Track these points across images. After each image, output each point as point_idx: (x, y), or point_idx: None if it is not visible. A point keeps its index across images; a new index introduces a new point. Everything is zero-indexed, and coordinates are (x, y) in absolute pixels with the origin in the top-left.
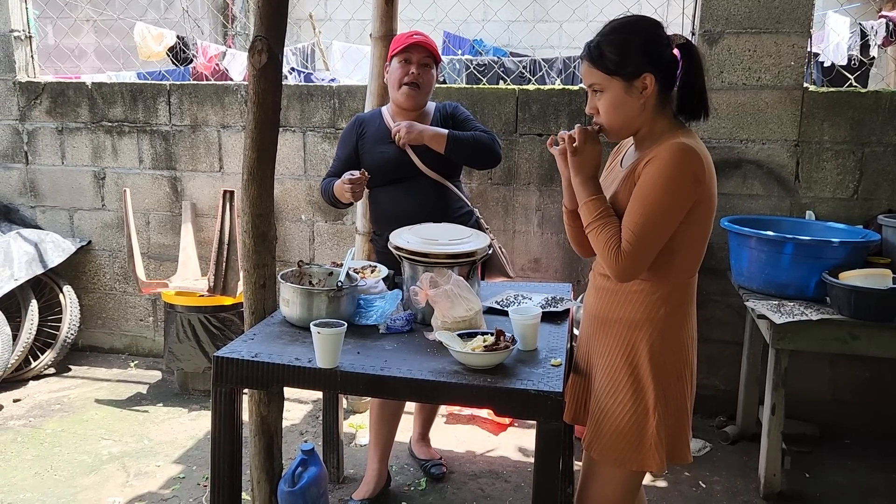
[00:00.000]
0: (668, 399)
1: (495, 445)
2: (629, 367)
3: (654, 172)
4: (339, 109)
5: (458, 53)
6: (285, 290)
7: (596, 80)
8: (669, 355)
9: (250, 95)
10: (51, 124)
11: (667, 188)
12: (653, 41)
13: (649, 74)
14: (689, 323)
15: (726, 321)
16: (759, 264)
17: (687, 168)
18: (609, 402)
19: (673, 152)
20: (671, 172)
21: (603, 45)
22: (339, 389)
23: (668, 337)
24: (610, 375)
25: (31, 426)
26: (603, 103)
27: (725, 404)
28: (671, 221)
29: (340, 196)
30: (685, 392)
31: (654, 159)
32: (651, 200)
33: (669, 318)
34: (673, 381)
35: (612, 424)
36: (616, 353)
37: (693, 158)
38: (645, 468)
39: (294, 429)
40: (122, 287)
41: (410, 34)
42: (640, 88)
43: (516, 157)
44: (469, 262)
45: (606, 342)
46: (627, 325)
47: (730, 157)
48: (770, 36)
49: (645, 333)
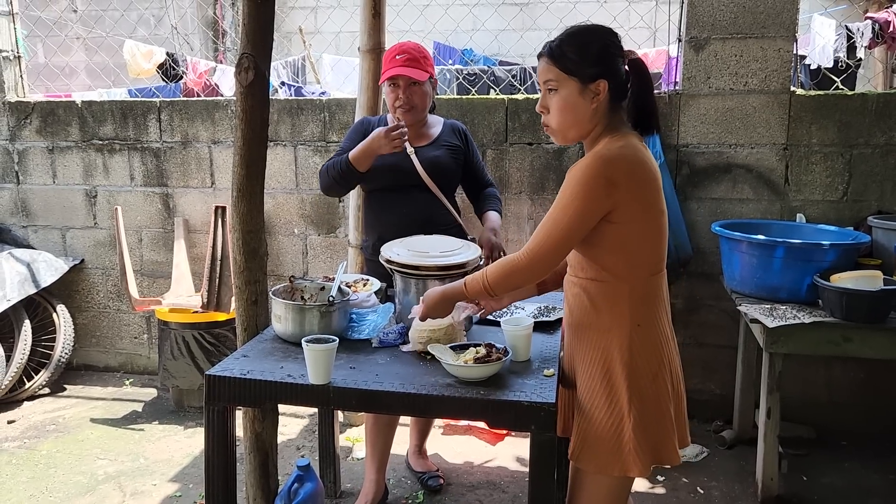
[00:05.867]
0: (645, 400)
1: (493, 456)
2: (602, 372)
3: (571, 179)
4: (329, 123)
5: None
6: (276, 306)
7: (552, 77)
8: (641, 356)
9: (238, 112)
10: (41, 143)
11: (576, 194)
12: (610, 49)
13: (604, 81)
14: (660, 322)
15: (720, 326)
16: (751, 268)
17: (599, 174)
18: (587, 408)
19: (589, 160)
20: (583, 178)
21: (565, 45)
22: (332, 405)
23: (639, 337)
24: (586, 382)
25: (25, 447)
26: (556, 102)
27: (722, 409)
28: (579, 225)
29: (361, 158)
30: (664, 393)
31: (575, 166)
32: (562, 205)
33: (636, 317)
34: (648, 381)
35: (591, 431)
36: (590, 359)
37: (607, 164)
38: (626, 473)
39: (291, 444)
40: (115, 305)
41: (395, 53)
42: (594, 93)
43: (507, 167)
44: (460, 274)
45: (581, 348)
46: (598, 329)
47: (719, 161)
48: (756, 41)
49: (614, 336)
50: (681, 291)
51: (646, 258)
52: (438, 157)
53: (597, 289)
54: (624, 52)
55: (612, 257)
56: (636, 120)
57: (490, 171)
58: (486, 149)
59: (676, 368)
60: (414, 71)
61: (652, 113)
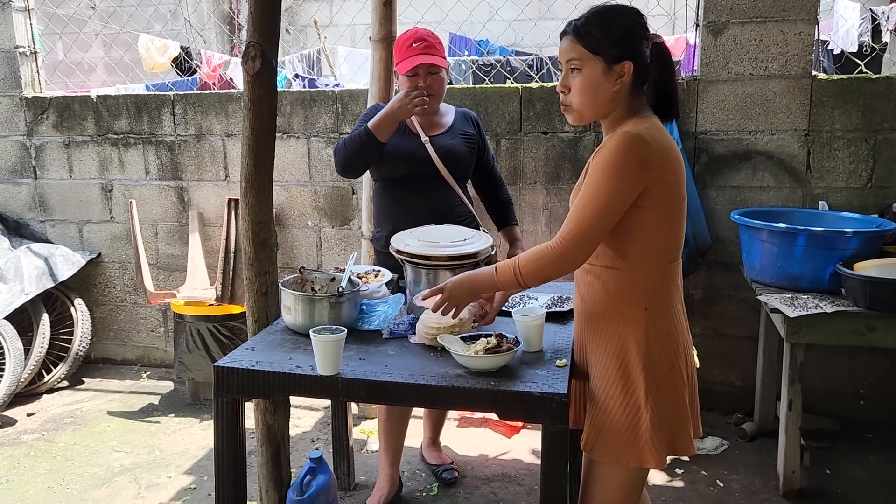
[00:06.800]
0: (661, 391)
1: (508, 448)
2: (618, 362)
3: (600, 161)
4: (342, 114)
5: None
6: (286, 297)
7: (576, 56)
8: (657, 345)
9: (245, 102)
10: (58, 138)
11: (610, 175)
12: (636, 30)
13: (629, 62)
14: (675, 310)
15: (740, 316)
16: (772, 257)
17: (632, 154)
18: (602, 399)
19: (618, 140)
20: (615, 158)
21: (590, 23)
22: (341, 396)
23: (654, 326)
24: (601, 372)
25: (44, 440)
26: (578, 82)
27: (742, 401)
28: (614, 207)
29: (383, 125)
30: (680, 382)
31: (602, 148)
32: (595, 187)
33: (652, 306)
34: (664, 371)
35: (606, 422)
36: (604, 349)
37: (640, 145)
38: (643, 464)
39: (305, 436)
40: (132, 298)
41: (410, 41)
42: (618, 74)
43: (522, 157)
44: (472, 264)
45: (594, 338)
46: (612, 318)
47: (738, 148)
48: (776, 24)
49: (630, 325)
50: (700, 281)
51: (664, 246)
52: (454, 146)
53: (612, 277)
54: (649, 35)
55: (630, 244)
56: (656, 105)
57: (504, 161)
58: (501, 138)
59: (691, 357)
60: (434, 58)
61: (673, 98)
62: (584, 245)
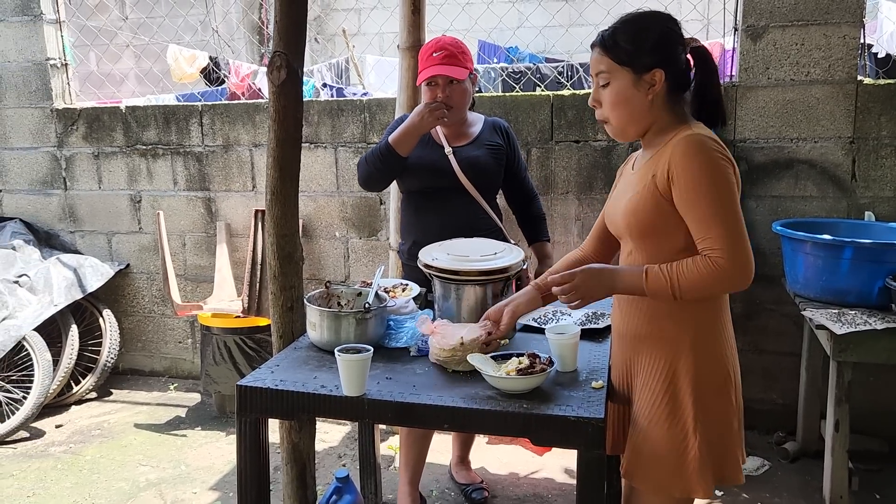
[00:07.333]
0: (710, 416)
1: (539, 466)
2: (665, 385)
3: (691, 169)
4: (369, 123)
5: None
6: (311, 313)
7: (604, 69)
8: (707, 367)
9: (270, 113)
10: (87, 149)
11: (714, 177)
12: (668, 37)
13: (659, 70)
14: (727, 331)
15: (782, 331)
16: (816, 270)
17: (717, 154)
18: (646, 424)
19: (694, 144)
20: (708, 160)
21: (618, 34)
22: (367, 418)
23: (704, 348)
24: (645, 396)
25: (71, 452)
26: (608, 95)
27: (784, 419)
28: (737, 205)
29: (402, 140)
30: (730, 406)
31: (680, 157)
32: (713, 193)
33: (703, 326)
34: (714, 395)
35: (651, 448)
36: (650, 371)
37: (715, 146)
38: (690, 494)
39: (332, 451)
40: (160, 309)
41: (431, 50)
42: (649, 84)
43: (553, 166)
44: (502, 279)
45: (639, 360)
46: (660, 339)
47: (780, 157)
48: (818, 27)
49: (679, 347)
50: (739, 295)
51: None
52: (478, 157)
53: None
54: (684, 40)
55: (686, 252)
56: (699, 111)
57: (535, 170)
58: (531, 147)
59: (739, 381)
60: (453, 69)
61: (717, 103)
62: (750, 254)
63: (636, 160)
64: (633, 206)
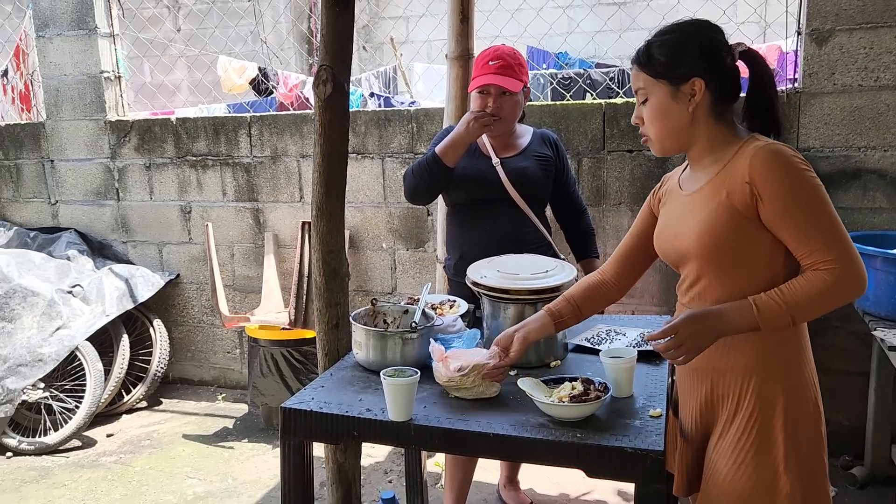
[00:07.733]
0: (802, 450)
1: (591, 487)
2: (754, 420)
3: (780, 181)
4: (417, 134)
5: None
6: (357, 332)
7: (641, 85)
8: (797, 397)
9: (316, 127)
10: (139, 161)
11: (806, 186)
12: (708, 45)
13: (699, 79)
14: (809, 353)
15: (849, 350)
16: (888, 287)
17: (800, 162)
18: (730, 463)
19: (774, 155)
20: (794, 170)
21: (653, 48)
22: (413, 444)
23: (792, 375)
24: (730, 433)
25: (121, 463)
26: (648, 111)
27: (851, 442)
28: (835, 211)
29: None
30: (819, 437)
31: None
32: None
33: (789, 352)
34: (804, 426)
35: (734, 488)
36: (736, 406)
37: (795, 154)
38: None
39: (378, 467)
40: (209, 320)
41: (488, 58)
42: (688, 94)
43: (605, 176)
44: (553, 298)
45: (720, 396)
46: (743, 371)
47: (846, 166)
48: (889, 30)
49: (766, 376)
50: None
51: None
52: (526, 169)
53: None
54: (728, 46)
55: (766, 273)
56: (751, 119)
57: (586, 181)
58: (583, 157)
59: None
60: (507, 80)
61: (772, 109)
62: (860, 262)
63: (682, 180)
64: (709, 227)
